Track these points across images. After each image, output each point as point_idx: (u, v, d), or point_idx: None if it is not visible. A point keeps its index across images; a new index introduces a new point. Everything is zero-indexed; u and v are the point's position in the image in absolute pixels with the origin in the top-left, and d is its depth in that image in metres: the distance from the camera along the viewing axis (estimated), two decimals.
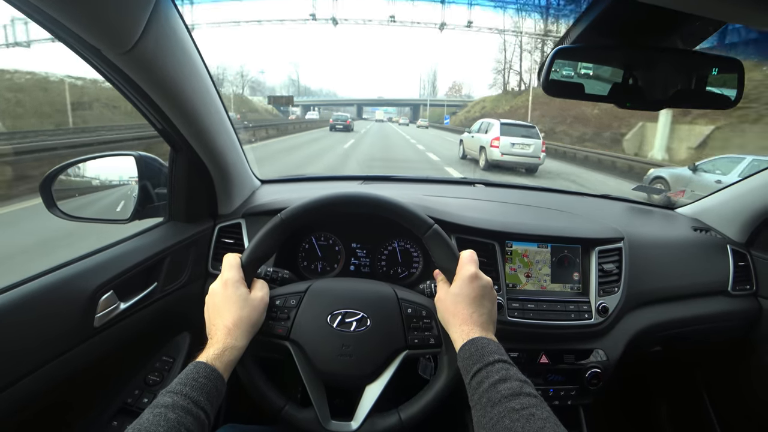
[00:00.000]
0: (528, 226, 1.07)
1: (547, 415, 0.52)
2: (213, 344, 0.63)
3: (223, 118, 0.96)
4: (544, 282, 1.05)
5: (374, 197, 0.75)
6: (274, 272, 0.80)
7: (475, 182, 1.56)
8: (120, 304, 0.83)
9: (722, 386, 1.40)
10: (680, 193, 1.47)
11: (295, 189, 1.38)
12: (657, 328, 1.12)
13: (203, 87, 0.84)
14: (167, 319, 0.99)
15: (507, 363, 0.59)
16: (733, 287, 1.21)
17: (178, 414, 0.52)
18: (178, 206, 1.02)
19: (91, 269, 0.79)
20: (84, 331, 0.76)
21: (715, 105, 0.76)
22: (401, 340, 0.72)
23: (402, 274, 1.10)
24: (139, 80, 0.70)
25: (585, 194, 1.62)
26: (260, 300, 0.69)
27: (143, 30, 0.61)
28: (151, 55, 0.66)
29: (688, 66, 0.73)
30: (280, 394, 0.71)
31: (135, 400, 0.94)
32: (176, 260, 0.98)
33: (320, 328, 0.71)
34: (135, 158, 1.00)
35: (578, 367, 1.02)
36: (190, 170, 0.99)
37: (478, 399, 0.57)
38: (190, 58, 0.77)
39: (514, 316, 0.98)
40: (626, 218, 1.37)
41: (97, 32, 0.58)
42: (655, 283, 1.14)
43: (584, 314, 1.00)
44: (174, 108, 0.80)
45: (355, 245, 1.11)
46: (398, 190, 1.39)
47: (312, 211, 0.74)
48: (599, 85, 0.75)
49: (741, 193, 1.28)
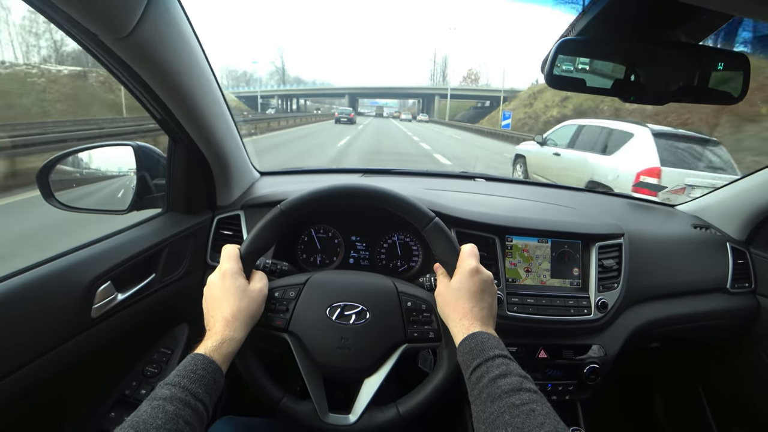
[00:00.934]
0: (528, 220, 1.06)
1: (548, 411, 0.52)
2: (211, 336, 0.62)
3: (223, 109, 0.95)
4: (543, 277, 1.05)
5: (375, 189, 0.74)
6: (273, 264, 0.79)
7: (475, 176, 1.56)
8: (117, 295, 0.82)
9: (718, 382, 1.41)
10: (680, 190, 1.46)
11: (294, 181, 1.37)
12: (655, 324, 1.12)
13: (203, 76, 0.83)
14: (165, 311, 0.98)
15: (507, 358, 0.59)
16: (732, 285, 1.21)
17: (176, 406, 0.52)
18: (177, 197, 1.02)
19: (88, 260, 0.79)
20: (81, 323, 0.75)
21: (719, 100, 0.75)
22: (401, 333, 0.71)
23: (401, 268, 1.10)
24: (136, 67, 0.68)
25: (586, 190, 1.62)
26: (259, 291, 0.69)
27: (141, 15, 0.60)
28: (149, 42, 0.65)
29: (694, 60, 0.72)
30: (279, 387, 0.71)
31: (133, 391, 0.93)
32: (175, 251, 0.98)
33: (319, 321, 0.71)
34: (133, 148, 0.99)
35: (577, 362, 1.02)
36: (189, 161, 0.98)
37: (477, 394, 0.56)
38: (190, 47, 0.76)
39: (514, 311, 0.98)
40: (627, 214, 1.37)
41: (94, 17, 0.57)
42: (654, 280, 1.14)
43: (583, 310, 1.00)
44: (172, 97, 0.79)
45: (354, 238, 1.11)
46: (399, 183, 1.39)
47: (312, 203, 0.73)
48: (603, 79, 0.74)
49: (741, 191, 1.28)
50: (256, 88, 71.69)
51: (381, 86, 77.14)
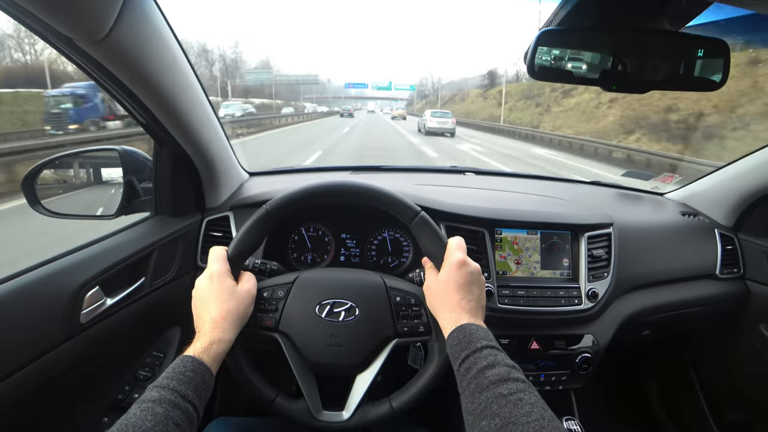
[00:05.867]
0: (517, 212, 1.07)
1: (535, 400, 0.52)
2: (200, 337, 0.62)
3: (207, 111, 0.95)
4: (534, 269, 1.05)
5: (359, 186, 0.74)
6: (263, 264, 0.79)
7: (465, 170, 1.56)
8: (106, 299, 0.82)
9: (711, 366, 1.42)
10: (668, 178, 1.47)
11: (283, 180, 1.36)
12: (646, 312, 1.13)
13: (184, 78, 0.82)
14: (157, 314, 0.98)
15: (495, 348, 0.59)
16: (720, 270, 1.23)
17: (165, 408, 0.51)
18: (165, 200, 1.01)
19: (75, 265, 0.78)
20: (70, 329, 0.75)
21: (701, 87, 0.76)
22: (390, 328, 0.71)
23: (392, 264, 1.10)
24: (115, 71, 0.68)
25: (574, 181, 1.62)
26: (247, 292, 0.69)
27: (117, 18, 0.59)
28: (127, 44, 0.64)
29: (675, 48, 0.73)
30: (271, 386, 0.71)
31: (126, 395, 0.93)
32: (164, 254, 0.97)
33: (309, 319, 0.71)
34: (119, 152, 0.98)
35: (569, 352, 1.03)
36: (175, 164, 0.97)
37: (466, 385, 0.57)
38: (168, 48, 0.75)
39: (505, 303, 0.98)
40: (615, 204, 1.37)
41: (67, 20, 0.56)
42: (644, 268, 1.15)
43: (574, 300, 1.01)
44: (154, 100, 0.78)
45: (344, 235, 1.11)
46: (388, 180, 1.39)
47: (297, 202, 0.73)
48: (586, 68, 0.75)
49: (728, 177, 1.29)
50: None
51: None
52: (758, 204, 1.23)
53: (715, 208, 1.32)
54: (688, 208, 1.37)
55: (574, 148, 14.79)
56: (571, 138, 16.19)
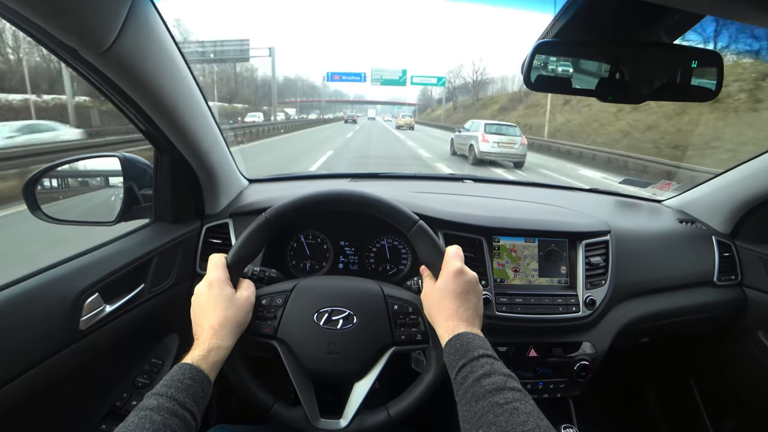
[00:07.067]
0: (515, 220, 1.07)
1: (531, 409, 0.52)
2: (198, 345, 0.63)
3: (208, 119, 0.96)
4: (531, 276, 1.05)
5: (358, 194, 0.75)
6: (261, 271, 0.79)
7: (463, 178, 1.57)
8: (106, 306, 0.82)
9: (709, 374, 1.42)
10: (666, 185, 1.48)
11: (283, 188, 1.37)
12: (644, 319, 1.13)
13: (185, 87, 0.83)
14: (156, 321, 0.98)
15: (492, 357, 0.59)
16: (718, 278, 1.23)
17: (163, 416, 0.52)
18: (165, 207, 1.02)
19: (75, 272, 0.79)
20: (69, 335, 0.75)
21: (696, 98, 0.77)
22: (388, 336, 0.72)
23: (391, 271, 1.10)
24: (118, 81, 0.69)
25: (572, 188, 1.63)
26: (246, 300, 0.69)
27: (120, 29, 0.60)
28: (130, 55, 0.65)
29: (669, 59, 0.74)
30: (269, 393, 0.71)
31: (124, 403, 0.93)
32: (163, 261, 0.97)
33: (307, 327, 0.71)
34: (119, 159, 0.99)
35: (567, 360, 1.03)
36: (175, 171, 0.98)
37: (463, 394, 0.57)
38: (171, 58, 0.76)
39: (503, 311, 0.98)
40: (613, 211, 1.38)
41: (72, 32, 0.57)
42: (641, 276, 1.15)
43: (572, 307, 1.01)
44: (156, 109, 0.79)
45: (343, 243, 1.11)
46: (387, 188, 1.39)
47: (296, 210, 0.74)
48: (582, 80, 0.76)
49: (725, 184, 1.30)
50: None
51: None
52: (755, 211, 1.24)
53: (713, 215, 1.32)
54: (686, 215, 1.37)
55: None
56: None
